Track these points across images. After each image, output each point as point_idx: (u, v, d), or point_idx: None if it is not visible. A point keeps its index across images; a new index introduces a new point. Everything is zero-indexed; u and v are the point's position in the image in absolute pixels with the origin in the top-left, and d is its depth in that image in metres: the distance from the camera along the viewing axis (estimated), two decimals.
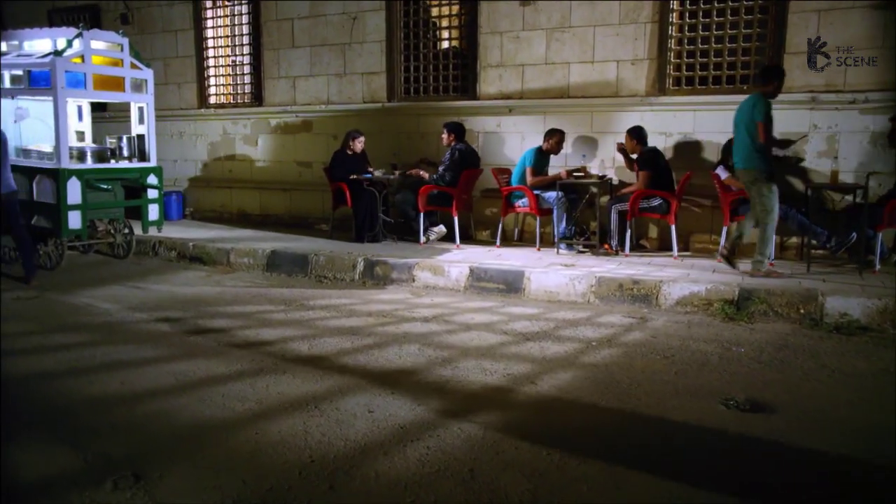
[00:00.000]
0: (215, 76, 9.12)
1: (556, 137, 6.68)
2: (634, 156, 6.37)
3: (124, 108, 9.13)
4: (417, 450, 2.71)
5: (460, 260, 6.04)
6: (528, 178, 6.67)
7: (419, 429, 2.91)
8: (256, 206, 8.89)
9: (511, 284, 5.51)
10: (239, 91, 9.00)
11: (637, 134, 6.23)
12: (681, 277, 5.25)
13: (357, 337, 4.31)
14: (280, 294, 5.58)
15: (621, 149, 6.47)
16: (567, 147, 6.93)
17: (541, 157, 6.76)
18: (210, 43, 9.03)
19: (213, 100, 9.15)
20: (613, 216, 6.25)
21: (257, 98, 8.74)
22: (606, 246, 6.31)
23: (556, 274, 5.43)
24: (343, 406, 3.16)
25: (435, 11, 7.68)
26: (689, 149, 6.52)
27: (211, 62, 9.08)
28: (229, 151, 9.04)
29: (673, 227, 6.14)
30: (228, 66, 9.05)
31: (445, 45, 7.70)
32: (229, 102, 9.08)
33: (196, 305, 5.14)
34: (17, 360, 3.82)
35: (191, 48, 9.07)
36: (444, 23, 7.67)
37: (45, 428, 2.95)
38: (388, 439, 2.82)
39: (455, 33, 7.60)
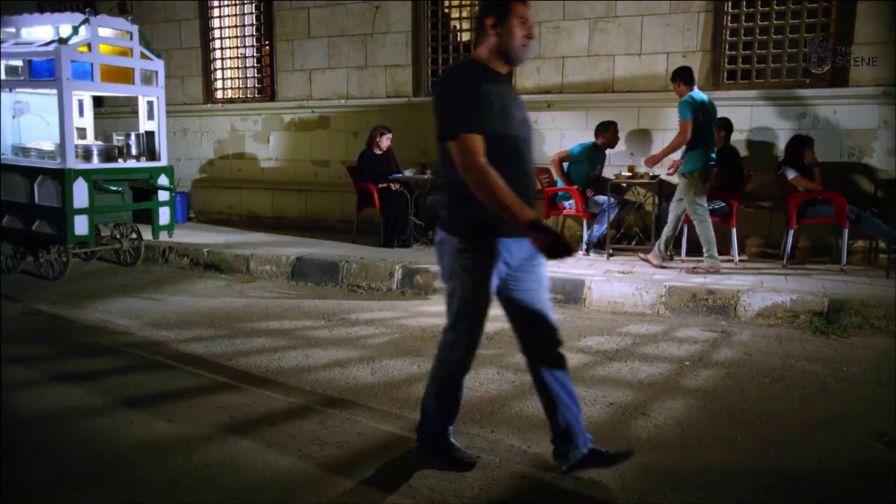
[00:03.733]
0: (222, 69, 8.54)
1: (611, 130, 6.19)
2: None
3: (122, 103, 8.58)
4: None
5: None
6: (554, 156, 6.38)
7: (543, 479, 2.45)
8: (268, 207, 8.34)
9: (570, 294, 5.05)
10: (249, 85, 8.42)
11: (725, 124, 5.79)
12: (755, 286, 4.84)
13: (421, 359, 3.82)
14: (314, 306, 5.07)
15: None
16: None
17: (592, 153, 6.27)
18: (217, 34, 8.44)
19: (219, 94, 8.57)
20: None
21: (269, 92, 8.19)
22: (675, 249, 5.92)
23: (619, 283, 4.99)
24: None
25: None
26: (745, 147, 6.11)
27: (218, 54, 8.49)
28: (238, 149, 8.47)
29: (734, 231, 5.72)
30: (237, 58, 8.47)
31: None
32: (238, 97, 8.50)
33: (226, 321, 4.61)
34: (38, 392, 3.28)
35: (196, 39, 8.47)
36: (476, 11, 7.19)
37: (87, 482, 2.43)
38: (512, 495, 2.34)
39: None
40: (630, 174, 6.06)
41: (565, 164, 6.36)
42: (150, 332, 4.34)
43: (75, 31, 5.48)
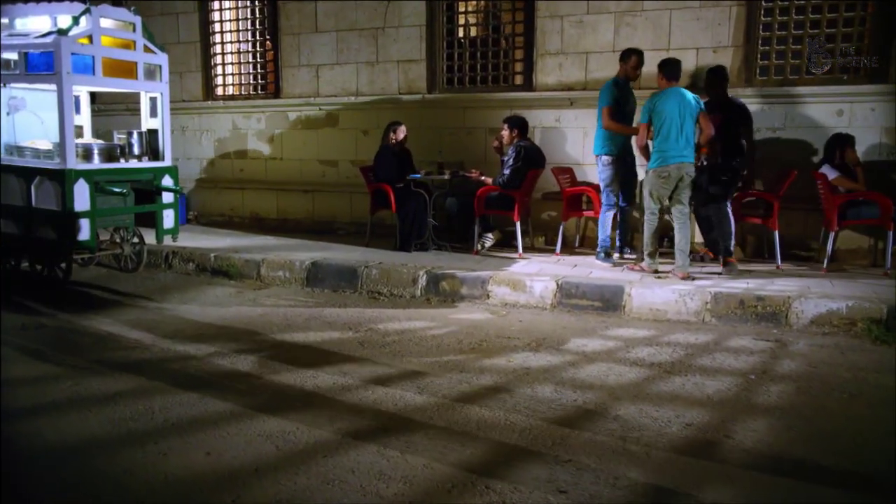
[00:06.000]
0: (223, 64, 8.17)
1: (633, 60, 5.57)
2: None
3: (117, 100, 8.18)
4: None
5: (537, 272, 5.30)
6: (604, 121, 5.54)
7: None
8: (272, 209, 7.99)
9: (608, 301, 4.79)
10: (251, 81, 8.07)
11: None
12: (804, 292, 4.61)
13: (468, 374, 3.53)
14: (336, 315, 4.76)
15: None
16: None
17: (620, 92, 5.58)
18: (217, 27, 8.08)
19: (220, 91, 8.20)
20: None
21: (273, 89, 7.84)
22: (708, 252, 5.68)
23: (661, 289, 4.73)
24: (520, 482, 2.39)
25: None
26: (778, 146, 5.89)
27: (218, 49, 8.12)
28: (240, 148, 8.11)
29: (777, 233, 5.50)
30: (239, 53, 8.11)
31: (495, 29, 6.93)
32: (240, 94, 8.15)
33: (245, 333, 4.28)
34: (54, 421, 2.93)
35: (195, 33, 8.10)
36: (495, 5, 6.91)
37: None
38: None
39: (507, 17, 6.84)
40: None
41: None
42: (166, 347, 4.01)
43: (75, 21, 5.09)
